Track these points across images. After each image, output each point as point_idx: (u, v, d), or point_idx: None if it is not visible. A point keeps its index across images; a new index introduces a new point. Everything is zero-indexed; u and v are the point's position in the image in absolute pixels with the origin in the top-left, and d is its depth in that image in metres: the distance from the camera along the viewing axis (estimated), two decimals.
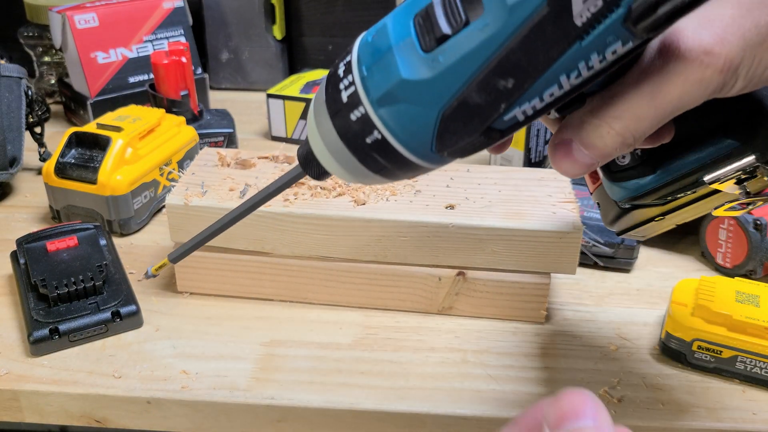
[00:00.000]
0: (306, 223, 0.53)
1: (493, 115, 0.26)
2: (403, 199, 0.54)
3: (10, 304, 0.56)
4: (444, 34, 0.25)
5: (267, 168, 0.59)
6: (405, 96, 0.27)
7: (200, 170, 0.58)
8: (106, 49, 0.86)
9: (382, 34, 0.27)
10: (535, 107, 0.26)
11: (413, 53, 0.26)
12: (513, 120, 0.27)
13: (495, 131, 0.27)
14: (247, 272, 0.56)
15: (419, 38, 0.26)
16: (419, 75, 0.26)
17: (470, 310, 0.55)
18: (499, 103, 0.26)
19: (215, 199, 0.54)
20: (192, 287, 0.58)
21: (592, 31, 0.24)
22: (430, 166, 0.30)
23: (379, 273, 0.54)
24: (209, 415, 0.48)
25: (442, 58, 0.26)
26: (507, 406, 0.47)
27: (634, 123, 0.29)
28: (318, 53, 1.08)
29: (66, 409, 0.48)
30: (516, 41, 0.24)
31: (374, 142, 0.28)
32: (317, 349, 0.52)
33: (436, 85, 0.26)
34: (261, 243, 0.54)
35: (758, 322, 0.47)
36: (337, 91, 0.29)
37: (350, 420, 0.47)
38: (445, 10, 0.26)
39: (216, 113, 0.85)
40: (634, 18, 0.24)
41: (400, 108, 0.27)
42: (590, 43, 0.24)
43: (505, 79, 0.25)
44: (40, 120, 0.77)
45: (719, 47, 0.27)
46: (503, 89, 0.26)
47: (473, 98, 0.26)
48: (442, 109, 0.27)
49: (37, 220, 0.70)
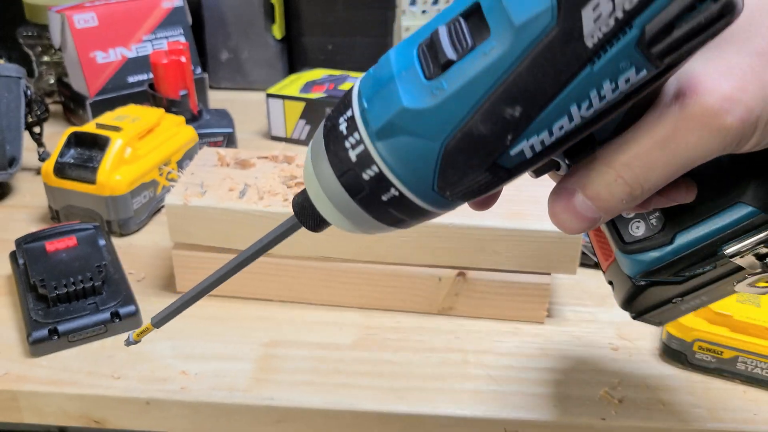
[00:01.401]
0: None
1: (499, 148, 0.25)
2: None
3: (9, 305, 0.56)
4: (449, 60, 0.24)
5: (266, 168, 0.59)
6: (406, 126, 0.25)
7: (199, 170, 0.58)
8: (106, 48, 0.86)
9: (384, 65, 0.26)
10: (544, 142, 0.24)
11: (416, 81, 0.25)
12: (520, 156, 0.25)
13: (501, 169, 0.25)
14: (247, 272, 0.56)
15: (422, 66, 0.25)
16: (421, 103, 0.25)
17: (470, 310, 0.55)
18: (506, 134, 0.24)
19: (215, 199, 0.54)
20: (191, 287, 0.57)
21: (603, 54, 0.23)
22: (434, 210, 0.28)
23: (379, 273, 0.54)
24: (209, 415, 0.48)
25: (446, 84, 0.24)
26: (507, 407, 0.47)
27: (644, 172, 0.26)
28: (317, 53, 1.08)
29: (65, 410, 0.48)
30: (524, 65, 0.23)
31: (371, 179, 0.26)
32: (317, 349, 0.52)
33: (439, 113, 0.24)
34: None
35: (759, 322, 0.47)
36: (334, 128, 0.27)
37: (350, 421, 0.47)
38: (450, 36, 0.24)
39: (215, 113, 0.85)
40: (648, 41, 0.22)
41: (400, 141, 0.25)
42: (602, 68, 0.23)
43: (512, 106, 0.24)
44: (39, 120, 0.77)
45: (739, 94, 0.25)
46: (510, 118, 0.24)
47: (478, 128, 0.24)
48: (445, 141, 0.25)
49: (36, 220, 0.69)
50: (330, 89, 0.86)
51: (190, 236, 0.55)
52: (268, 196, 0.54)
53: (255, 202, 0.54)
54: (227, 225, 0.54)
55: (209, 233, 0.55)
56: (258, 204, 0.53)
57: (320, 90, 0.86)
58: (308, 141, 0.86)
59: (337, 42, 1.07)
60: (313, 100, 0.84)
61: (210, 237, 0.55)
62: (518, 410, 0.46)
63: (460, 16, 0.24)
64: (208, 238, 0.55)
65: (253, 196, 0.54)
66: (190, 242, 0.55)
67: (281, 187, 0.55)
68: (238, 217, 0.53)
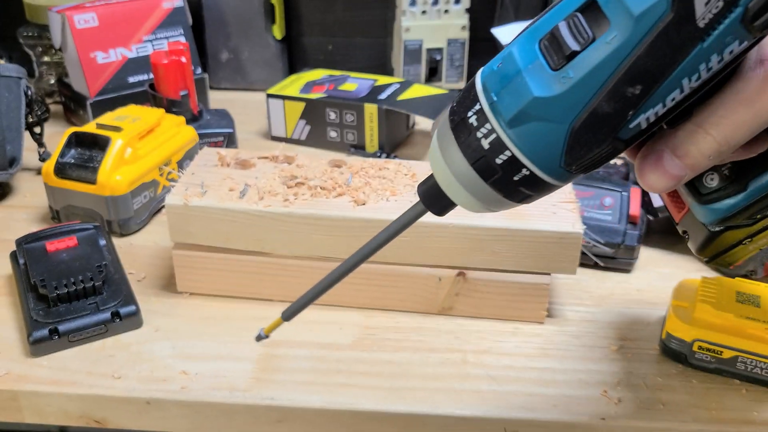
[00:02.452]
0: (306, 223, 0.53)
1: (621, 123, 0.28)
2: (403, 199, 0.54)
3: (10, 305, 0.56)
4: (573, 51, 0.27)
5: (267, 168, 0.59)
6: (537, 113, 0.28)
7: (200, 170, 0.58)
8: (106, 49, 0.86)
9: (509, 61, 0.29)
10: (657, 113, 0.28)
11: (543, 72, 0.28)
12: (636, 128, 0.28)
13: (620, 141, 0.29)
14: (247, 272, 0.56)
15: (547, 59, 0.28)
16: (551, 91, 0.28)
17: (470, 310, 0.55)
18: (628, 110, 0.28)
19: (215, 199, 0.54)
20: (192, 287, 0.57)
21: (712, 32, 0.26)
22: (558, 183, 0.31)
23: (379, 273, 0.54)
24: (209, 415, 0.48)
25: (572, 72, 0.27)
26: (507, 407, 0.47)
27: (731, 130, 0.30)
28: (318, 53, 1.08)
29: (65, 410, 0.48)
30: (642, 49, 0.26)
31: (504, 162, 0.30)
32: (317, 349, 0.52)
33: (567, 99, 0.28)
34: (261, 243, 0.54)
35: (759, 322, 0.47)
36: (463, 121, 0.30)
37: (350, 420, 0.47)
38: (570, 30, 0.28)
39: (216, 113, 0.85)
40: (751, 16, 0.25)
41: (531, 126, 0.29)
42: (710, 44, 0.26)
43: (633, 85, 0.27)
44: (39, 120, 0.77)
45: None
46: (631, 95, 0.27)
47: (603, 107, 0.28)
48: (573, 122, 0.28)
49: (36, 220, 0.70)
50: (330, 89, 0.86)
51: (190, 236, 0.55)
52: (269, 196, 0.54)
53: (255, 202, 0.54)
54: (228, 225, 0.54)
55: (210, 233, 0.55)
56: (258, 204, 0.53)
57: (320, 90, 0.86)
58: (308, 141, 0.87)
59: (337, 42, 1.07)
60: (313, 100, 0.84)
61: (210, 237, 0.55)
62: (518, 410, 0.46)
63: (577, 12, 0.28)
64: (208, 238, 0.55)
65: (254, 196, 0.54)
66: (190, 242, 0.55)
67: (281, 188, 0.55)
68: (239, 217, 0.53)
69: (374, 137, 0.83)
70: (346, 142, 0.85)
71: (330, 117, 0.84)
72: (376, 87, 0.86)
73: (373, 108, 0.81)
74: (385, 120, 0.81)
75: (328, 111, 0.84)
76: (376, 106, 0.81)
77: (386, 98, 0.82)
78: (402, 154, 0.85)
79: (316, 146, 0.86)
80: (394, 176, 0.57)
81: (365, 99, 0.82)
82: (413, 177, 0.57)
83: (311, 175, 0.57)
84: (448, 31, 0.93)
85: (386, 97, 0.83)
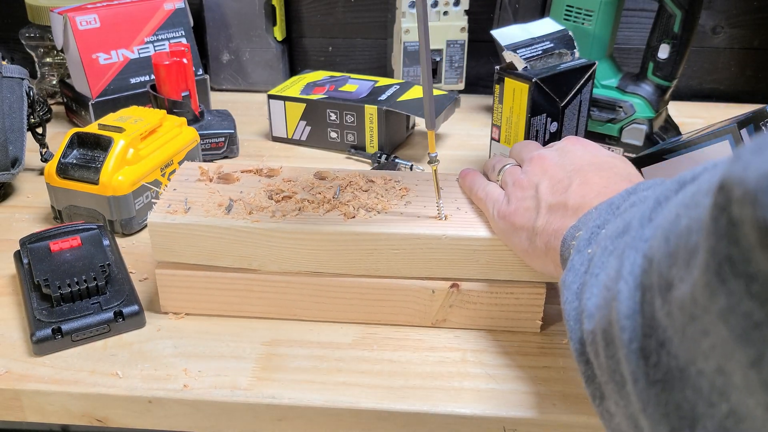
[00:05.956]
0: (295, 238, 0.51)
1: None
2: (393, 211, 0.53)
3: (13, 304, 0.57)
4: None
5: (251, 182, 0.57)
6: None
7: (181, 186, 0.56)
8: (108, 50, 0.87)
9: None
10: None
11: None
12: None
13: None
14: (234, 290, 0.54)
15: None
16: None
17: (465, 321, 0.54)
18: None
19: (200, 216, 0.52)
20: (175, 307, 0.55)
21: None
22: None
23: (371, 287, 0.53)
24: (210, 414, 0.48)
25: None
26: (506, 406, 0.47)
27: None
28: (318, 54, 1.09)
29: (68, 409, 0.49)
30: None
31: None
32: (318, 348, 0.52)
33: None
34: (248, 260, 0.53)
35: None
36: None
37: (350, 419, 0.47)
38: None
39: (217, 114, 0.85)
40: None
41: None
42: None
43: None
44: (41, 121, 0.78)
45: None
46: None
47: None
48: None
49: (38, 220, 0.70)
50: (331, 90, 0.86)
51: (174, 255, 0.53)
52: (256, 211, 0.53)
53: (244, 217, 0.52)
54: (214, 242, 0.52)
55: (195, 251, 0.53)
56: (247, 219, 0.51)
57: (321, 91, 0.86)
58: (309, 142, 0.87)
59: (337, 44, 1.08)
60: (314, 101, 0.84)
61: (196, 255, 0.53)
62: (517, 408, 0.47)
63: None
64: (193, 256, 0.53)
65: (241, 212, 0.52)
66: (174, 261, 0.53)
67: (268, 202, 0.54)
68: (226, 234, 0.51)
69: (374, 138, 0.83)
70: (347, 142, 0.85)
71: (330, 118, 0.84)
72: (376, 88, 0.86)
73: (373, 109, 0.82)
74: (385, 121, 0.82)
75: (329, 112, 0.84)
76: (376, 107, 0.81)
77: (386, 99, 0.83)
78: (402, 154, 0.85)
79: (316, 147, 0.87)
80: (384, 191, 0.56)
81: (365, 100, 0.83)
82: (403, 190, 0.56)
83: (297, 189, 0.56)
84: (447, 32, 0.94)
85: (386, 98, 0.83)
